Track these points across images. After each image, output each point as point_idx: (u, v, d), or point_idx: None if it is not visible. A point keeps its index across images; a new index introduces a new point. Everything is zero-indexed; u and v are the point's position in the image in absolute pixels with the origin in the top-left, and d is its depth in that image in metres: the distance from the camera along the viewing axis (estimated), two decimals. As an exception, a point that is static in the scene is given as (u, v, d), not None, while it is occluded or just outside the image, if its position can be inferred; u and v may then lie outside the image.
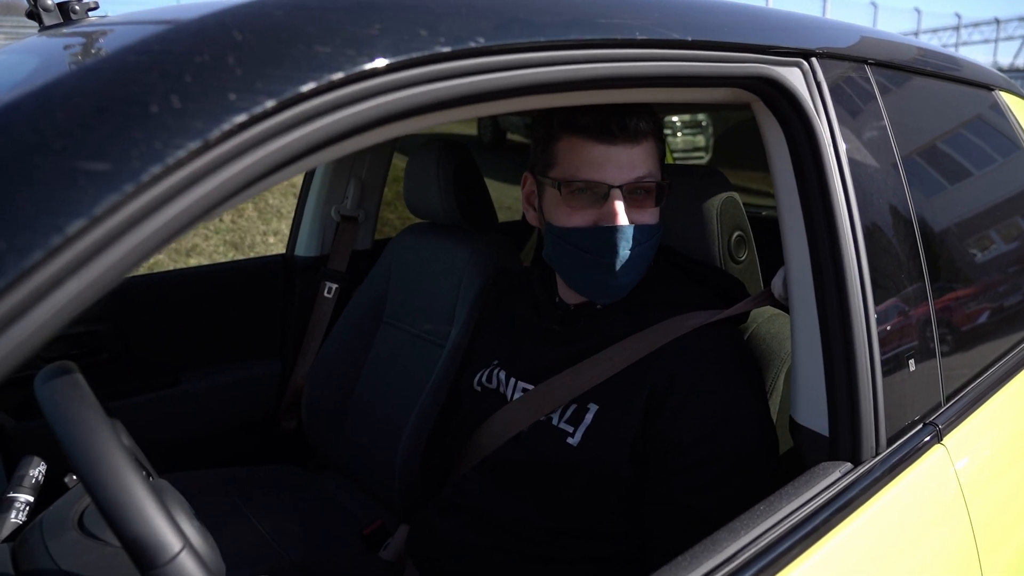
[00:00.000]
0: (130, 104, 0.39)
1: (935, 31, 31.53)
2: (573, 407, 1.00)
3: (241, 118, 0.41)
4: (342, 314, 1.75)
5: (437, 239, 1.62)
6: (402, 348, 1.64)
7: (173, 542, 0.56)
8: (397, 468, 1.45)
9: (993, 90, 1.35)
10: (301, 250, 1.94)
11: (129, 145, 0.38)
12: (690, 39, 0.71)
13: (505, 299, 1.26)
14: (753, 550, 0.65)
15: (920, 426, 0.85)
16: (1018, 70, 25.29)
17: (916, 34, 30.73)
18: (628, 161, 0.95)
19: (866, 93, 0.93)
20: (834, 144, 0.83)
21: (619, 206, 0.94)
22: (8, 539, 0.75)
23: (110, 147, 0.37)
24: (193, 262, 4.77)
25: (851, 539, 0.72)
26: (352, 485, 1.66)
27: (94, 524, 0.72)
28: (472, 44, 0.53)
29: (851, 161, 0.84)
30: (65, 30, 0.83)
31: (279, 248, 4.80)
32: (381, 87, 0.48)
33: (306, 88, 0.44)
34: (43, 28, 0.90)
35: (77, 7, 0.91)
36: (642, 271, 0.99)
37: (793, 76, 0.82)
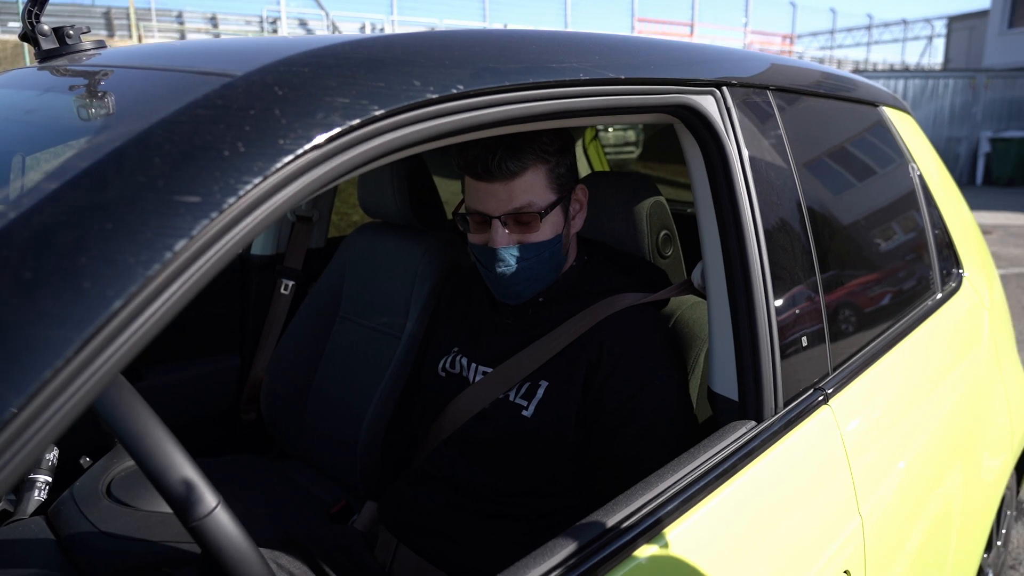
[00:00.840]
0: (209, 151, 0.51)
1: (849, 30, 33.02)
2: (527, 385, 1.15)
3: (288, 158, 0.54)
4: (299, 310, 1.84)
5: (391, 238, 1.73)
6: (359, 340, 1.75)
7: (211, 499, 0.68)
8: (359, 452, 1.57)
9: (879, 106, 1.57)
10: (257, 249, 2.02)
11: (212, 181, 0.50)
12: (623, 77, 0.86)
13: (461, 293, 1.40)
14: (678, 488, 0.81)
15: (811, 391, 1.04)
16: (922, 70, 26.81)
17: (832, 32, 32.18)
18: (505, 195, 1.11)
19: (767, 114, 1.11)
20: (741, 159, 1.00)
21: (498, 232, 1.12)
22: (34, 514, 0.83)
23: (198, 184, 0.50)
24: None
25: (755, 479, 0.90)
26: (314, 471, 1.75)
27: (122, 493, 0.82)
28: (454, 90, 0.67)
29: (755, 173, 1.01)
30: (81, 67, 0.91)
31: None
32: (386, 127, 0.61)
33: (334, 132, 0.57)
34: (41, 53, 0.98)
35: (71, 32, 1.00)
36: (543, 277, 1.17)
37: (707, 103, 0.99)
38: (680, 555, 0.78)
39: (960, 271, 1.69)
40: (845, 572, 0.96)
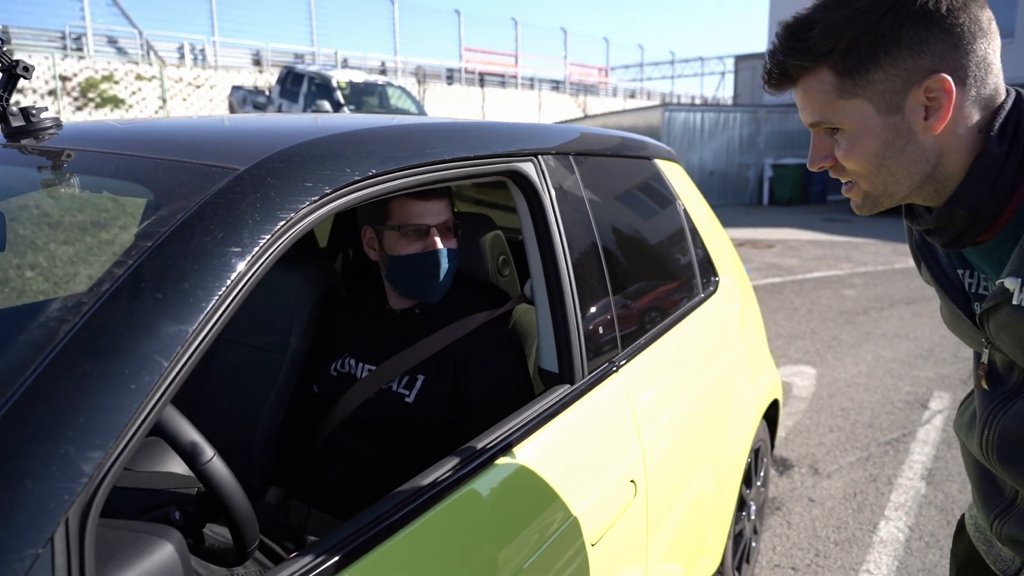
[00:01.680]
0: (237, 221, 0.86)
1: (656, 64, 36.36)
2: (406, 378, 1.53)
3: (281, 223, 0.90)
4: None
5: (271, 268, 2.02)
6: (246, 358, 2.01)
7: (210, 451, 1.00)
8: (255, 455, 1.84)
9: (653, 159, 2.13)
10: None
11: (253, 238, 0.85)
12: (472, 155, 1.28)
13: (345, 310, 1.75)
14: (522, 423, 1.24)
15: (607, 364, 1.52)
16: (717, 104, 30.10)
17: (641, 66, 35.31)
18: (437, 210, 1.52)
19: (570, 173, 1.58)
20: (552, 206, 1.45)
21: (437, 238, 1.51)
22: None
23: (241, 239, 0.84)
24: None
25: (570, 420, 1.35)
26: None
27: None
28: (370, 173, 1.05)
29: (563, 216, 1.47)
30: (48, 146, 1.18)
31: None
32: (333, 199, 0.98)
33: (304, 206, 0.93)
34: (9, 130, 1.22)
35: (35, 111, 1.25)
36: (451, 279, 1.57)
37: (528, 168, 1.43)
38: (524, 464, 1.20)
39: (717, 278, 2.29)
40: (632, 481, 1.44)
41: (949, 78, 0.83)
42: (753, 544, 2.62)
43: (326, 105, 10.90)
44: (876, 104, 0.87)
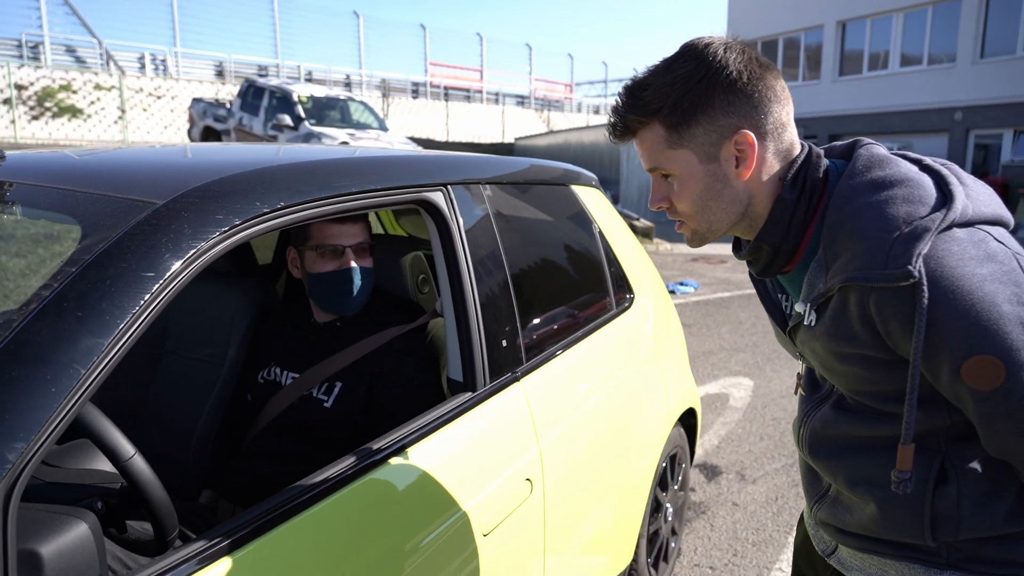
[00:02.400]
0: (155, 246, 1.00)
1: (619, 80, 37.05)
2: (325, 385, 1.68)
3: (225, 228, 1.04)
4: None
5: (211, 283, 2.15)
6: (187, 370, 2.13)
7: (130, 449, 1.13)
8: (192, 459, 1.96)
9: (569, 185, 2.32)
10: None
11: (166, 260, 0.99)
12: (381, 187, 1.44)
13: (276, 323, 1.90)
14: (423, 425, 1.39)
15: (509, 374, 1.68)
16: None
17: (605, 82, 35.92)
18: (352, 232, 1.68)
19: (480, 201, 1.75)
20: (460, 232, 1.62)
21: (351, 258, 1.68)
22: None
23: (154, 265, 0.99)
24: None
25: (469, 422, 1.51)
26: None
27: (53, 459, 1.22)
28: (279, 206, 1.20)
29: (469, 240, 1.64)
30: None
31: None
32: (242, 229, 1.13)
33: (216, 234, 1.08)
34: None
35: (-22, 145, 1.37)
36: (366, 295, 1.72)
37: (437, 197, 1.60)
38: (417, 462, 1.36)
39: (631, 296, 2.48)
40: (527, 479, 1.60)
41: (752, 134, 1.02)
42: (673, 544, 2.80)
43: (287, 119, 10.96)
44: (698, 154, 1.04)
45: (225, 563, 1.02)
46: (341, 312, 1.75)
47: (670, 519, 2.71)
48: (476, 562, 1.42)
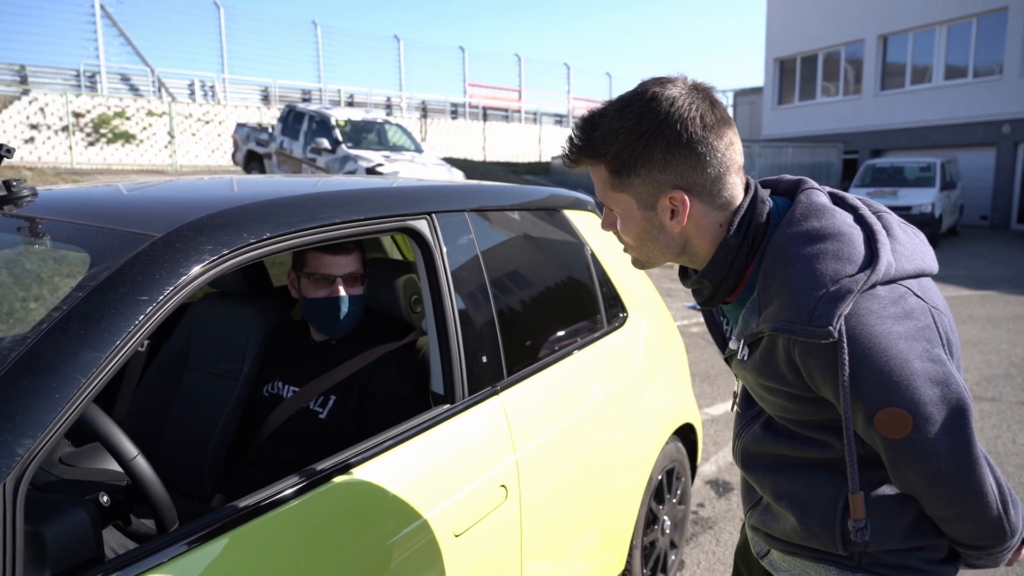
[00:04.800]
0: (153, 275, 1.17)
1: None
2: (321, 398, 1.84)
3: (214, 257, 1.21)
4: (154, 361, 2.38)
5: (229, 303, 2.33)
6: (205, 384, 2.31)
7: (133, 450, 1.30)
8: (207, 468, 2.13)
9: (561, 210, 2.45)
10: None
11: (159, 286, 1.16)
12: (365, 217, 1.60)
13: (281, 340, 2.06)
14: (403, 433, 1.53)
15: (489, 388, 1.81)
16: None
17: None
18: (344, 263, 1.84)
19: (464, 228, 1.89)
20: (443, 258, 1.76)
21: (340, 287, 1.82)
22: None
23: (149, 290, 1.15)
24: None
25: (446, 431, 1.64)
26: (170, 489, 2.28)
27: (69, 459, 1.39)
28: (264, 236, 1.36)
29: (451, 265, 1.78)
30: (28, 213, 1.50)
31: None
32: (231, 257, 1.29)
33: (205, 263, 1.24)
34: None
35: (15, 183, 1.57)
36: (355, 319, 1.87)
37: (422, 225, 1.75)
38: (396, 467, 1.50)
39: (624, 314, 2.59)
40: (502, 485, 1.72)
41: (685, 195, 1.06)
42: (673, 557, 2.87)
43: (325, 142, 11.33)
44: (637, 200, 1.10)
45: (208, 547, 1.17)
46: (331, 334, 1.91)
47: (668, 531, 2.78)
48: (448, 561, 1.55)
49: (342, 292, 1.86)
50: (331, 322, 1.88)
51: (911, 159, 16.30)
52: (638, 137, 1.04)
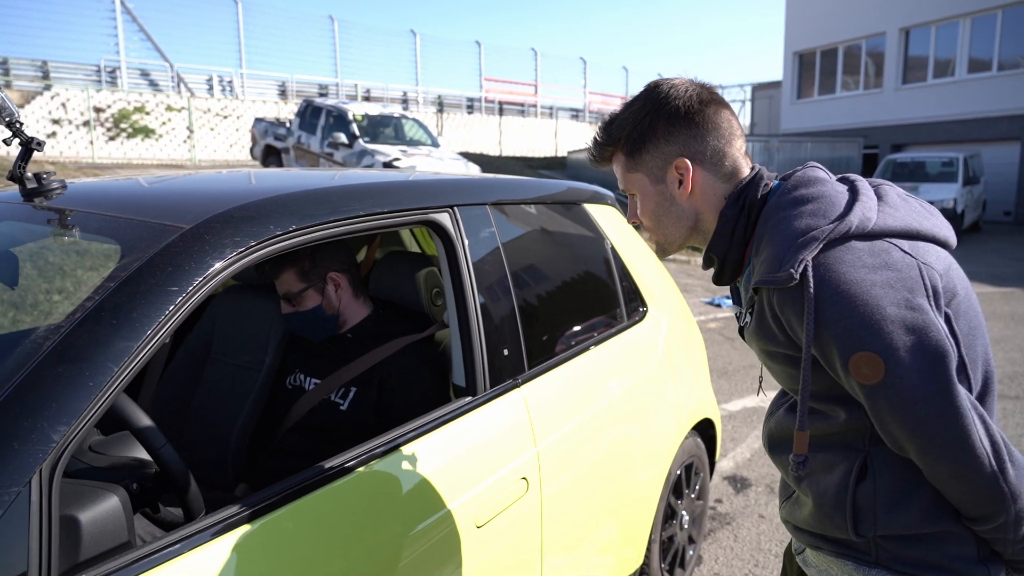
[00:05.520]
0: (185, 263, 1.18)
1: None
2: (341, 390, 1.85)
3: (241, 249, 1.22)
4: (177, 353, 2.41)
5: (252, 295, 2.35)
6: (228, 375, 2.34)
7: (162, 437, 1.32)
8: (230, 457, 2.16)
9: (581, 204, 2.44)
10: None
11: (189, 276, 1.17)
12: (387, 210, 1.60)
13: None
14: (428, 423, 1.54)
15: (510, 380, 1.81)
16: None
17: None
18: (277, 286, 1.93)
19: (485, 221, 1.89)
20: (464, 250, 1.77)
21: (283, 305, 1.92)
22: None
23: (178, 280, 1.17)
24: None
25: (469, 423, 1.64)
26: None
27: (99, 447, 1.41)
28: (291, 228, 1.37)
29: (473, 257, 1.78)
30: (58, 204, 1.53)
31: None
32: (257, 249, 1.31)
33: (230, 256, 1.26)
34: (26, 192, 1.57)
35: (45, 176, 1.60)
36: (320, 329, 1.96)
37: (444, 218, 1.75)
38: (418, 458, 1.51)
39: (643, 308, 2.58)
40: (523, 478, 1.73)
41: (688, 160, 1.18)
42: (691, 552, 2.87)
43: (342, 137, 11.38)
44: (650, 177, 1.23)
45: (234, 535, 1.19)
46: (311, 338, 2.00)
47: (686, 526, 2.78)
48: (469, 552, 1.56)
49: (285, 309, 1.97)
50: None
51: (933, 154, 16.07)
52: (643, 117, 1.19)
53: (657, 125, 1.18)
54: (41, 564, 0.94)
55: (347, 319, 1.98)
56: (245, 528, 1.21)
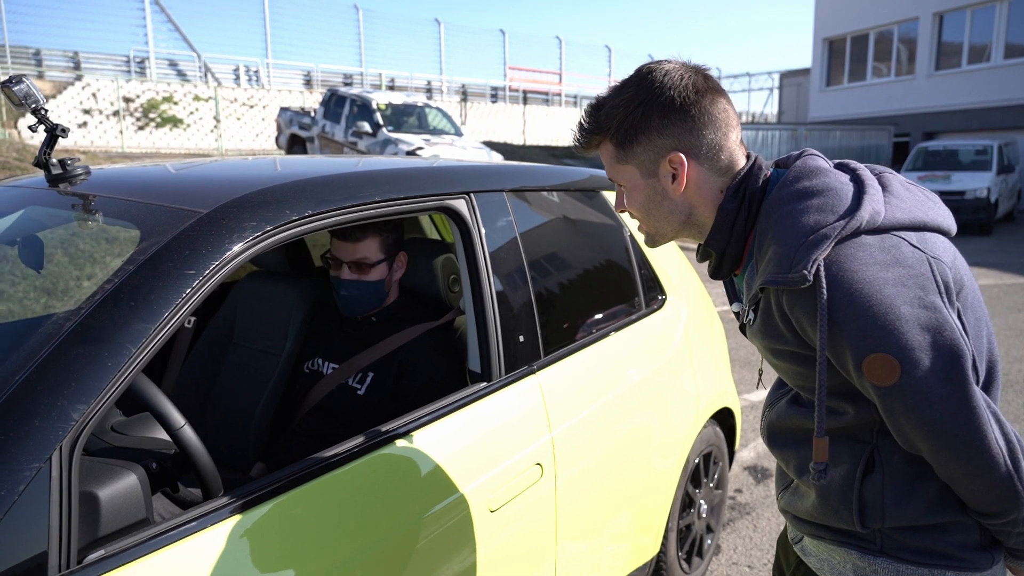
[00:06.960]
0: (204, 245, 1.20)
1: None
2: (359, 375, 1.87)
3: (258, 233, 1.24)
4: (200, 338, 2.45)
5: (273, 282, 2.39)
6: (249, 360, 2.37)
7: (181, 420, 1.34)
8: (251, 441, 2.20)
9: (599, 191, 2.43)
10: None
11: (205, 258, 1.19)
12: (403, 196, 1.61)
13: (322, 319, 2.11)
14: (443, 407, 1.55)
15: (526, 367, 1.82)
16: (755, 122, 29.78)
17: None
18: (351, 250, 1.89)
19: (502, 208, 1.89)
20: (480, 237, 1.77)
21: (344, 270, 1.91)
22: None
23: (195, 264, 1.19)
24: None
25: (484, 408, 1.65)
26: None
27: (121, 428, 1.45)
28: (307, 214, 1.38)
29: (490, 244, 1.79)
30: (83, 190, 1.56)
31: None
32: (274, 233, 1.32)
33: (249, 239, 1.27)
34: (51, 177, 1.60)
35: (70, 161, 1.63)
36: (364, 303, 1.94)
37: (460, 205, 1.76)
38: (433, 442, 1.52)
39: (662, 296, 2.57)
40: (538, 463, 1.73)
41: (683, 155, 1.10)
42: (709, 541, 2.86)
43: (366, 126, 11.43)
44: (640, 170, 1.14)
45: (251, 514, 1.21)
46: (346, 312, 1.98)
47: (704, 515, 2.77)
48: (483, 536, 1.57)
49: (344, 276, 1.93)
50: (340, 301, 1.96)
51: (966, 142, 15.70)
52: (636, 107, 1.10)
53: (651, 117, 1.10)
54: (61, 537, 0.96)
55: (388, 300, 2.02)
56: (261, 507, 1.23)
